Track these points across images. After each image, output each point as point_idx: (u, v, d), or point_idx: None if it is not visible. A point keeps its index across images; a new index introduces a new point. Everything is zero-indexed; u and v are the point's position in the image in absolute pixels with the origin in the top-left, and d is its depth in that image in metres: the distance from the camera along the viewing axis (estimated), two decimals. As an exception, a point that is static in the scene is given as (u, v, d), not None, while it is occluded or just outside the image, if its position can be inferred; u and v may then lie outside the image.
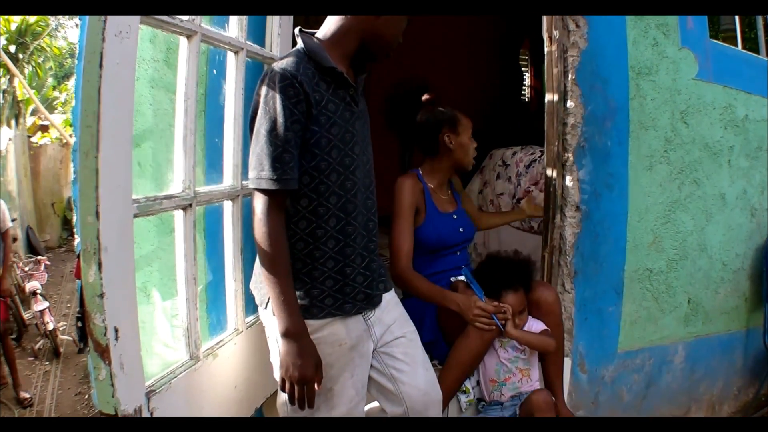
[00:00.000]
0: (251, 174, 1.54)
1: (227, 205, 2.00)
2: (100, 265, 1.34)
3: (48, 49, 12.26)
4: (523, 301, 2.28)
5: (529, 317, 2.34)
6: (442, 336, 2.42)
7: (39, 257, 6.78)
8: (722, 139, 3.09)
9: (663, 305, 2.99)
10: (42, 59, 12.33)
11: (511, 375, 2.32)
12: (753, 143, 3.25)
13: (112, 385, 1.38)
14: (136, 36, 1.42)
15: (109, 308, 1.36)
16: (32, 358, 5.21)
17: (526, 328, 2.30)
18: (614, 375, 2.88)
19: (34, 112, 11.95)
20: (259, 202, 1.54)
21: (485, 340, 2.21)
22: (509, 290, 2.27)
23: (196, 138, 1.76)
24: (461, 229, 2.52)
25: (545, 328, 2.30)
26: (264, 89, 1.55)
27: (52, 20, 12.70)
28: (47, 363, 5.13)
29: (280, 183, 1.51)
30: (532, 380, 2.33)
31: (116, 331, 1.38)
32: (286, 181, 1.53)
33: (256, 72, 2.17)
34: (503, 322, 2.18)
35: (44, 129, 12.51)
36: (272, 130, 1.51)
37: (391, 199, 2.39)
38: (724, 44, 3.26)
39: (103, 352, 1.37)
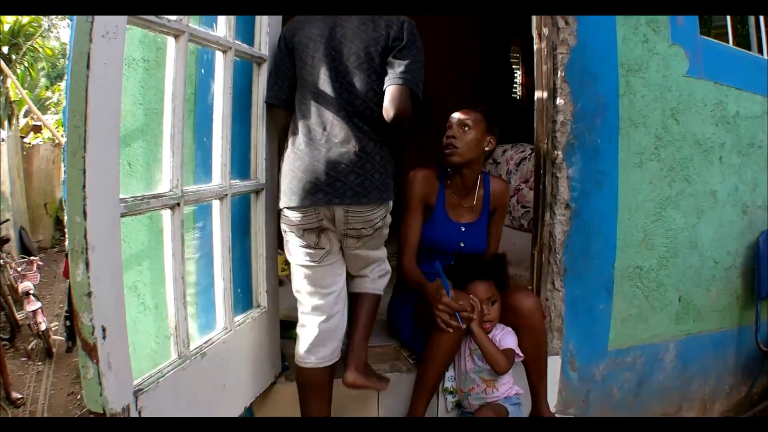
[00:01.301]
0: (411, 77, 2.02)
1: (216, 205, 1.99)
2: (87, 264, 1.34)
3: (40, 49, 12.19)
4: (491, 290, 2.28)
5: (506, 330, 2.32)
6: (419, 332, 2.44)
7: (32, 258, 6.74)
8: (713, 135, 3.10)
9: (654, 303, 3.00)
10: (35, 60, 12.26)
11: (474, 385, 2.33)
12: (744, 140, 3.25)
13: (100, 383, 1.38)
14: (123, 36, 1.42)
15: (97, 307, 1.36)
16: (25, 359, 5.19)
17: (497, 339, 2.28)
18: (605, 373, 2.89)
19: (26, 113, 11.91)
20: (408, 98, 2.02)
21: (455, 334, 2.18)
22: (476, 279, 2.28)
23: (185, 137, 1.76)
24: (462, 244, 2.50)
25: (512, 347, 2.27)
26: (414, 30, 2.11)
27: (44, 21, 12.63)
28: (40, 363, 5.11)
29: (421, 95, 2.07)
30: (500, 391, 2.31)
31: (104, 330, 1.38)
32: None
33: (245, 71, 2.16)
34: (466, 321, 2.17)
35: (37, 129, 12.48)
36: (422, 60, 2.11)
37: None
38: (714, 41, 3.25)
39: (91, 351, 1.37)
